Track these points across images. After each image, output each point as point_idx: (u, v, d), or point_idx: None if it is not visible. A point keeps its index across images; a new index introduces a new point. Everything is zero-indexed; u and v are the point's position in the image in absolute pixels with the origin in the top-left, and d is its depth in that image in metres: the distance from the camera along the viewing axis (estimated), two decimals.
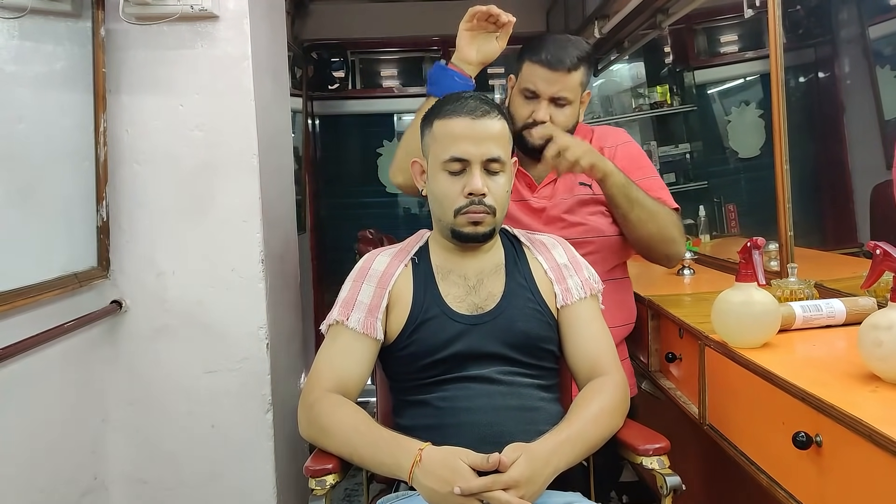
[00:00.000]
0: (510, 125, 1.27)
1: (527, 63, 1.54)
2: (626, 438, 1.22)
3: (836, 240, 2.01)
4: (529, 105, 1.54)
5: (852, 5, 1.96)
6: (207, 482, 1.82)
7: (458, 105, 1.22)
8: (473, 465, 1.03)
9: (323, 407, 1.18)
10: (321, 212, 3.96)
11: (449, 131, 1.21)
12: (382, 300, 1.25)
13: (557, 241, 1.38)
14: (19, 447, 1.44)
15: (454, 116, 1.21)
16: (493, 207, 1.22)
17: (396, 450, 1.09)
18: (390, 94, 4.03)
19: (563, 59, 1.50)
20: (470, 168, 1.20)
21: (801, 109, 2.06)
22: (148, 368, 1.79)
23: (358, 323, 1.23)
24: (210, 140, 1.76)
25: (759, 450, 1.12)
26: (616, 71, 3.66)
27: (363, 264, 1.32)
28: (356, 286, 1.28)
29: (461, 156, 1.20)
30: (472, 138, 1.20)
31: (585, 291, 1.30)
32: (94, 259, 1.69)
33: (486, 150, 1.20)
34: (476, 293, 1.26)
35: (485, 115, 1.21)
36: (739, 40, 2.69)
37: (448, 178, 1.22)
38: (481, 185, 1.19)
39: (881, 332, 0.93)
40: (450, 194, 1.21)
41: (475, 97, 1.25)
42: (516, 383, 1.22)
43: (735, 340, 1.20)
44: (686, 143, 3.09)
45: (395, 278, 1.27)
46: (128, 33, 1.72)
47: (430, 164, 1.26)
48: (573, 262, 1.34)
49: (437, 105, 1.28)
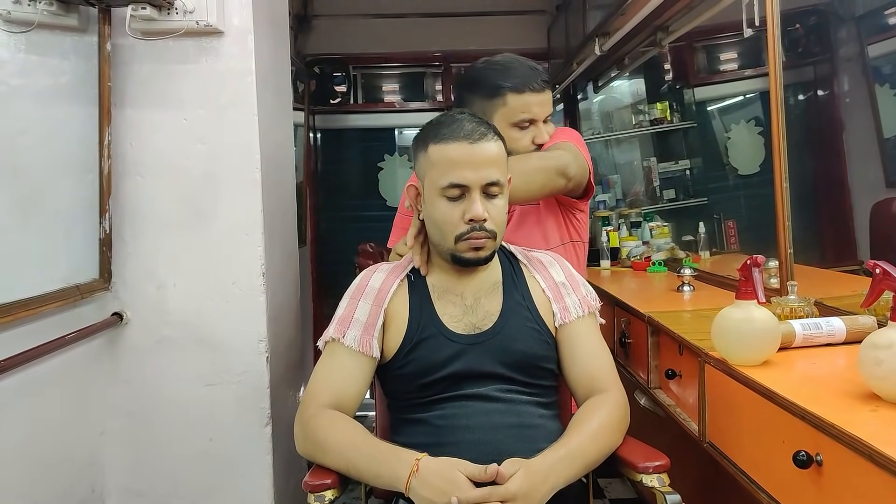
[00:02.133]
0: (505, 145, 1.25)
1: (511, 96, 1.50)
2: (626, 455, 1.21)
3: (835, 257, 2.01)
4: (528, 134, 1.53)
5: (851, 24, 1.98)
6: (205, 495, 1.81)
7: (455, 129, 1.20)
8: (471, 475, 1.03)
9: (319, 422, 1.17)
10: (322, 225, 3.97)
11: (446, 157, 1.19)
12: (378, 318, 1.24)
13: (555, 259, 1.37)
14: (18, 458, 1.44)
15: (451, 141, 1.18)
16: (494, 232, 1.21)
17: (393, 461, 1.08)
18: (392, 109, 4.06)
19: (541, 77, 1.52)
20: (469, 193, 1.18)
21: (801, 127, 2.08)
22: (147, 381, 1.79)
23: (354, 341, 1.23)
24: (213, 153, 1.77)
25: (760, 468, 1.12)
26: (616, 87, 3.68)
27: (360, 281, 1.31)
28: (353, 303, 1.27)
29: (460, 182, 1.18)
30: (470, 164, 1.17)
31: (584, 309, 1.29)
32: (96, 271, 1.70)
33: (485, 175, 1.18)
34: (473, 312, 1.25)
35: (482, 138, 1.19)
36: (739, 58, 2.71)
37: (447, 204, 1.20)
38: (482, 211, 1.18)
39: (881, 352, 0.94)
40: (450, 220, 1.20)
41: (470, 118, 1.22)
42: (515, 401, 1.22)
43: (735, 358, 1.20)
44: (686, 160, 3.11)
45: (390, 295, 1.26)
46: (133, 48, 1.74)
47: (427, 188, 1.23)
48: (570, 281, 1.33)
49: (430, 127, 1.25)
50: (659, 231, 2.94)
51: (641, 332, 1.72)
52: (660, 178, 3.19)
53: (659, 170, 3.21)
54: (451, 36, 3.78)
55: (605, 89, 3.72)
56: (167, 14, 1.66)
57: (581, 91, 3.86)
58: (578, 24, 2.96)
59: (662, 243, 2.85)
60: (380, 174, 4.00)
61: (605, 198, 3.43)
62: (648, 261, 2.67)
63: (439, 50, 3.80)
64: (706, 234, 2.61)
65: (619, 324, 1.94)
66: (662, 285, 2.31)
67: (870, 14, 1.93)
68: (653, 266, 2.61)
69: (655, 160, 3.25)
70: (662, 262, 2.63)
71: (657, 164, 3.23)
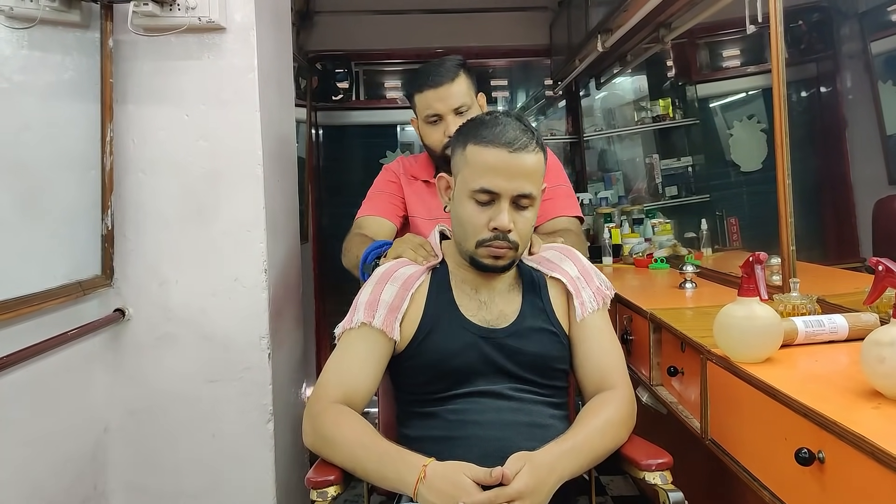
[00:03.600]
0: (545, 155, 1.23)
1: (416, 96, 1.68)
2: (629, 453, 1.21)
3: (838, 255, 2.01)
4: (439, 128, 1.65)
5: (854, 21, 1.97)
6: (207, 492, 1.81)
7: (497, 133, 1.17)
8: (477, 479, 1.03)
9: (328, 417, 1.17)
10: (323, 221, 3.97)
11: (483, 160, 1.17)
12: (404, 301, 1.24)
13: (565, 254, 1.36)
14: (20, 455, 1.44)
15: (490, 145, 1.16)
16: (517, 243, 1.20)
17: (401, 465, 1.08)
18: (394, 106, 4.04)
19: (438, 73, 1.63)
20: (499, 201, 1.17)
21: (803, 124, 2.07)
22: (150, 377, 1.79)
23: (379, 320, 1.22)
24: (215, 150, 1.77)
25: (762, 466, 1.12)
26: (619, 84, 3.68)
27: (388, 268, 1.30)
28: (379, 287, 1.26)
29: (492, 188, 1.16)
30: (505, 172, 1.15)
31: (598, 302, 1.29)
32: (98, 267, 1.70)
33: (518, 186, 1.16)
34: (487, 309, 1.26)
35: (523, 148, 1.16)
36: (741, 55, 2.70)
37: (475, 207, 1.18)
38: (508, 221, 1.16)
39: (884, 349, 0.93)
40: (475, 224, 1.19)
41: (516, 124, 1.19)
42: (527, 400, 1.22)
43: (737, 355, 1.20)
44: (688, 157, 3.11)
45: (418, 284, 1.27)
46: (136, 44, 1.73)
47: (458, 186, 1.22)
48: (583, 273, 1.32)
49: (472, 124, 1.23)
50: (661, 228, 2.93)
51: (643, 329, 1.72)
52: (662, 175, 3.19)
53: (661, 166, 3.20)
54: (454, 32, 3.77)
55: (608, 86, 3.71)
56: (169, 10, 1.66)
57: (583, 87, 3.85)
58: (581, 20, 2.95)
59: (665, 240, 2.84)
60: None
61: (607, 195, 3.43)
62: (650, 258, 2.67)
63: (442, 46, 3.79)
64: (708, 230, 2.61)
65: (621, 321, 1.94)
66: (664, 282, 2.30)
67: (873, 10, 1.92)
68: (655, 263, 2.61)
69: (658, 157, 3.25)
70: (665, 259, 2.62)
71: (659, 161, 3.22)
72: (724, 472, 1.26)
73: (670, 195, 3.16)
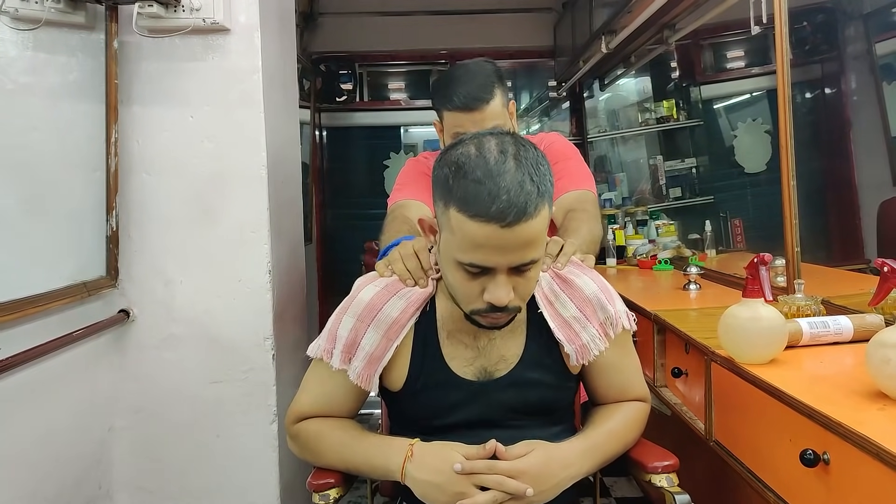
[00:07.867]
0: (550, 205, 0.97)
1: (446, 113, 1.49)
2: (635, 455, 1.20)
3: (842, 256, 2.01)
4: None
5: (859, 22, 1.97)
6: (212, 492, 1.82)
7: (485, 201, 0.89)
8: (468, 455, 1.00)
9: (309, 432, 1.14)
10: (327, 223, 3.98)
11: (470, 236, 0.92)
12: (386, 354, 1.09)
13: (559, 288, 1.13)
14: (26, 455, 1.45)
15: (478, 219, 0.90)
16: (519, 307, 1.02)
17: (388, 450, 1.06)
18: (397, 107, 4.06)
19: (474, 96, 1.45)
20: (493, 273, 0.95)
21: (808, 125, 2.07)
22: (154, 377, 1.79)
23: (354, 373, 1.09)
24: (220, 151, 1.77)
25: (766, 467, 1.11)
26: (623, 85, 3.68)
27: (372, 301, 1.10)
28: (361, 327, 1.09)
29: (484, 265, 0.94)
30: (499, 249, 0.92)
31: (605, 342, 1.12)
32: (103, 268, 1.71)
33: (517, 258, 0.94)
34: (486, 356, 1.11)
35: (518, 219, 0.90)
36: (746, 56, 2.70)
37: (465, 276, 0.97)
38: (505, 295, 0.95)
39: (889, 350, 0.93)
40: (467, 294, 0.99)
41: (510, 174, 0.91)
42: (528, 427, 1.12)
43: (742, 356, 1.19)
44: (692, 158, 3.10)
45: (405, 331, 1.09)
46: (140, 45, 1.74)
47: (443, 243, 1.00)
48: (583, 309, 1.11)
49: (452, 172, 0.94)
50: (665, 229, 2.93)
51: (647, 331, 1.72)
52: (666, 177, 3.18)
53: (665, 168, 3.20)
54: (458, 34, 3.77)
55: (612, 87, 3.71)
56: (174, 11, 1.67)
57: (587, 89, 3.86)
58: (585, 21, 2.95)
59: (669, 241, 2.84)
60: (385, 172, 4.00)
61: (611, 196, 3.43)
62: (654, 259, 2.66)
63: (445, 48, 3.80)
64: (712, 232, 2.61)
65: None
66: (668, 284, 2.30)
67: (877, 12, 1.92)
68: (659, 264, 2.61)
69: (662, 158, 3.25)
70: (668, 261, 2.62)
71: (663, 163, 3.22)
72: (729, 474, 1.26)
73: (674, 196, 3.15)
